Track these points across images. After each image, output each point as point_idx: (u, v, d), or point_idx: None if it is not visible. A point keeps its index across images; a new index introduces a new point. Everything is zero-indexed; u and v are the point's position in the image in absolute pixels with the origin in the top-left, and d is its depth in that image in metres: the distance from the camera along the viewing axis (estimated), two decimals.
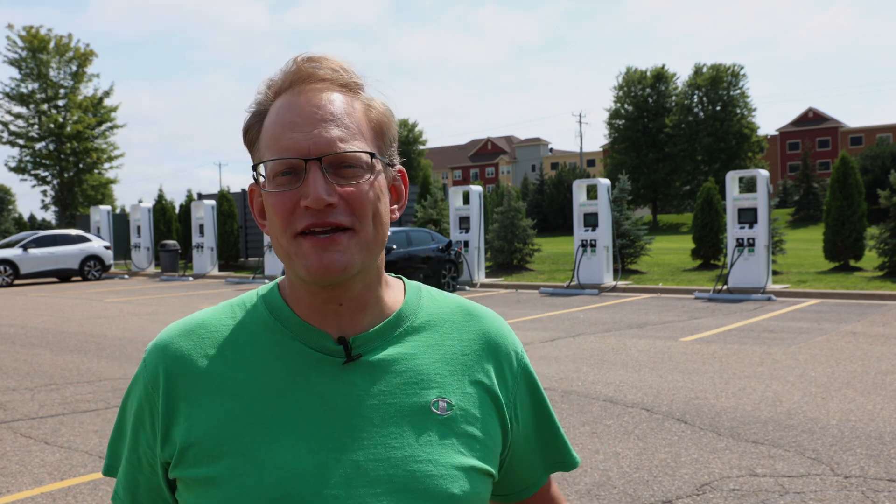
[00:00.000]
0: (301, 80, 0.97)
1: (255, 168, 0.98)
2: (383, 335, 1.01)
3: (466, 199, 19.58)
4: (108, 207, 28.43)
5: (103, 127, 41.30)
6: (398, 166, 1.04)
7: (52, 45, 39.84)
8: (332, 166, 0.93)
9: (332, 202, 0.92)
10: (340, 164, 0.94)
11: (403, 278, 1.11)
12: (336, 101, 0.96)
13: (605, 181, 17.46)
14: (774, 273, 16.78)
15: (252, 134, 1.00)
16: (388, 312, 1.03)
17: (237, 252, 27.07)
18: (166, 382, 0.98)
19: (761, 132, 61.93)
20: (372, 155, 0.96)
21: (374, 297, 1.02)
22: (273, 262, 22.03)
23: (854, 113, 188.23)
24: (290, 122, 0.94)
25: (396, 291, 1.07)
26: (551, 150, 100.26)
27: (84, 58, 40.51)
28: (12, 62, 39.52)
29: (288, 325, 1.00)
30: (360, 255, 0.94)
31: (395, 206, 1.03)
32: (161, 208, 31.19)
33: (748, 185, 16.68)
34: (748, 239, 14.96)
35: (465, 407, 1.01)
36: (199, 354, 0.99)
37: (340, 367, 0.98)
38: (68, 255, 23.19)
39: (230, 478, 0.93)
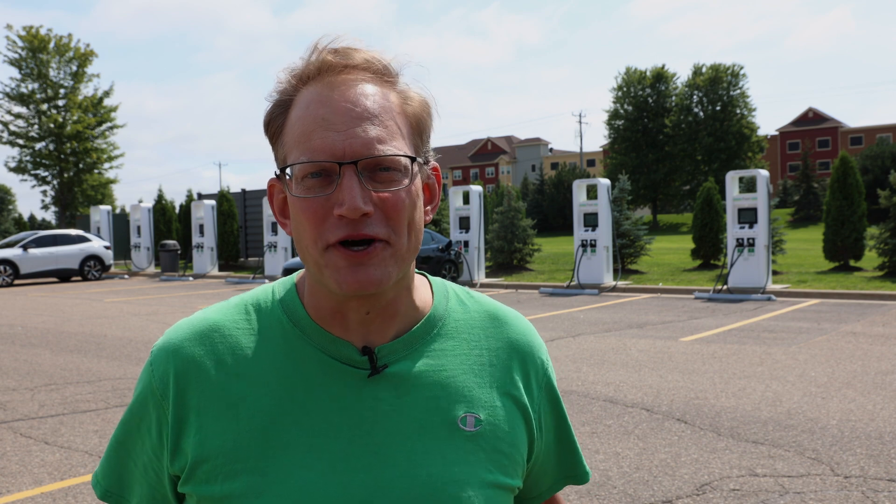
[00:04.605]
0: (330, 68, 0.89)
1: (283, 170, 0.89)
2: (410, 344, 0.95)
3: (466, 199, 19.57)
4: (108, 207, 28.42)
5: (103, 127, 41.29)
6: (433, 163, 0.96)
7: (51, 45, 39.83)
8: (367, 170, 0.86)
9: (368, 211, 0.84)
10: (377, 167, 0.86)
11: (428, 276, 1.05)
12: (371, 95, 0.88)
13: (605, 181, 17.45)
14: (774, 273, 16.78)
15: (275, 126, 0.92)
16: (417, 318, 0.97)
17: (237, 252, 27.07)
18: (177, 390, 0.92)
19: (761, 132, 61.94)
20: (412, 159, 0.89)
21: (403, 305, 0.95)
22: (273, 262, 22.02)
23: (854, 113, 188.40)
24: (322, 119, 0.86)
25: (423, 292, 1.00)
26: (551, 150, 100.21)
27: (84, 58, 40.49)
28: (12, 62, 39.50)
29: (308, 333, 0.94)
30: (395, 267, 0.88)
31: (429, 207, 0.96)
32: (161, 208, 31.17)
33: (748, 185, 16.68)
34: (748, 239, 14.96)
35: (494, 421, 0.96)
36: (212, 362, 0.92)
37: (365, 380, 0.92)
38: (68, 255, 23.18)
39: (247, 497, 0.87)
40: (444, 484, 0.90)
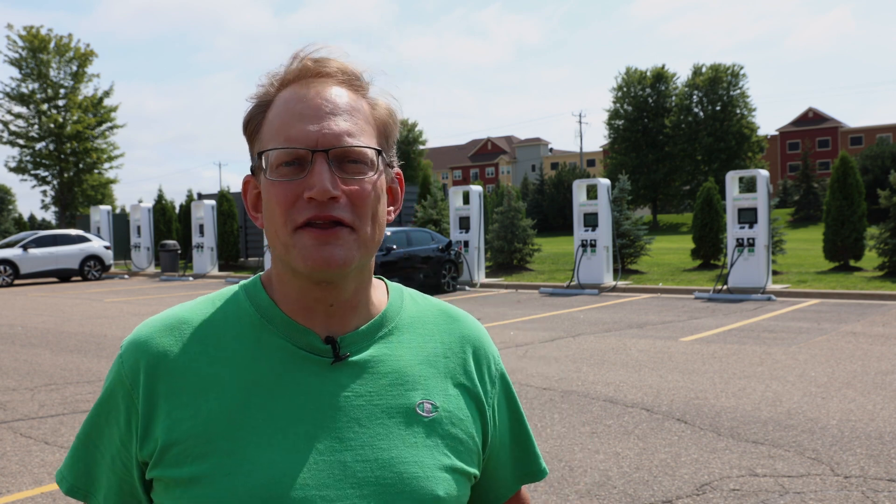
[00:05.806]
0: (308, 74, 0.97)
1: (259, 156, 0.96)
2: (369, 336, 1.01)
3: (466, 199, 19.56)
4: (108, 207, 28.41)
5: (103, 127, 41.28)
6: (396, 169, 1.04)
7: (52, 45, 39.83)
8: (337, 160, 0.93)
9: (336, 195, 0.91)
10: (346, 158, 0.93)
11: (384, 279, 1.11)
12: (344, 96, 0.96)
13: (605, 181, 17.45)
14: (774, 273, 16.78)
15: (254, 125, 0.99)
16: (374, 313, 1.03)
17: (237, 252, 27.06)
18: (147, 380, 0.95)
19: (761, 132, 61.90)
20: (379, 151, 0.96)
21: (363, 298, 1.02)
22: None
23: (854, 113, 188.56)
24: (298, 113, 0.94)
25: (380, 292, 1.07)
26: (551, 150, 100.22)
27: (84, 58, 40.48)
28: (12, 62, 39.48)
29: (274, 323, 0.99)
30: (358, 251, 0.94)
31: (391, 209, 1.03)
32: (161, 208, 31.18)
33: (748, 185, 16.68)
34: (748, 239, 14.96)
35: (449, 409, 1.01)
36: (181, 351, 0.96)
37: (328, 367, 0.97)
38: (68, 255, 23.18)
39: (215, 477, 0.91)
40: (404, 465, 0.95)
